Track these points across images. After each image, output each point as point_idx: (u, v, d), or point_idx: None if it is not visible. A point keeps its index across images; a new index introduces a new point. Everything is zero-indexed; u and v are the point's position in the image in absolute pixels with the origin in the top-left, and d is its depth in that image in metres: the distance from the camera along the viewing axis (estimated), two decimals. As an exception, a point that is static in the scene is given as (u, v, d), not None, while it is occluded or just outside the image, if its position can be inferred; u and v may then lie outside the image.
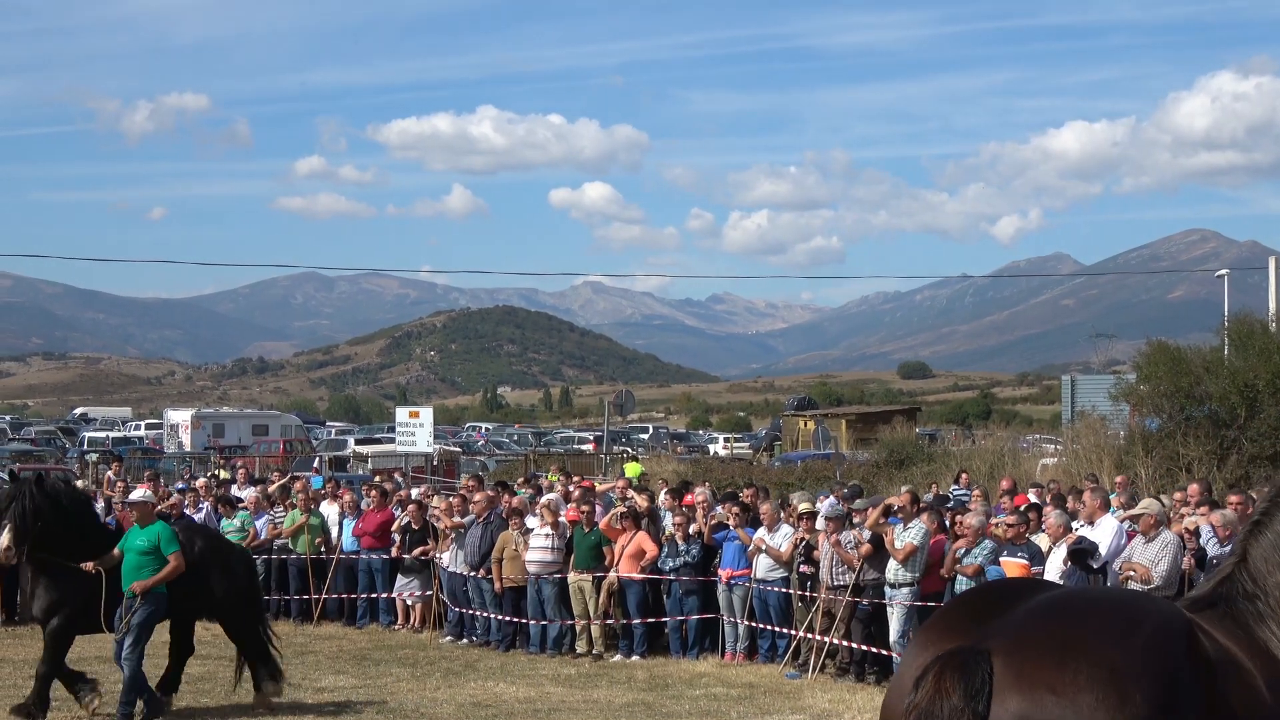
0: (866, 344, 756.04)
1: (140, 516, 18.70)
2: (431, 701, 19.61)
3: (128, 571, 17.90)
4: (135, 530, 18.48)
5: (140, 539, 18.14)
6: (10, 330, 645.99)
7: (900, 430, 59.02)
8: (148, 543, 18.05)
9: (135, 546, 18.05)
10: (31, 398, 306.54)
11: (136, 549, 18.02)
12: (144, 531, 18.32)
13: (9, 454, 66.30)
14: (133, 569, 17.88)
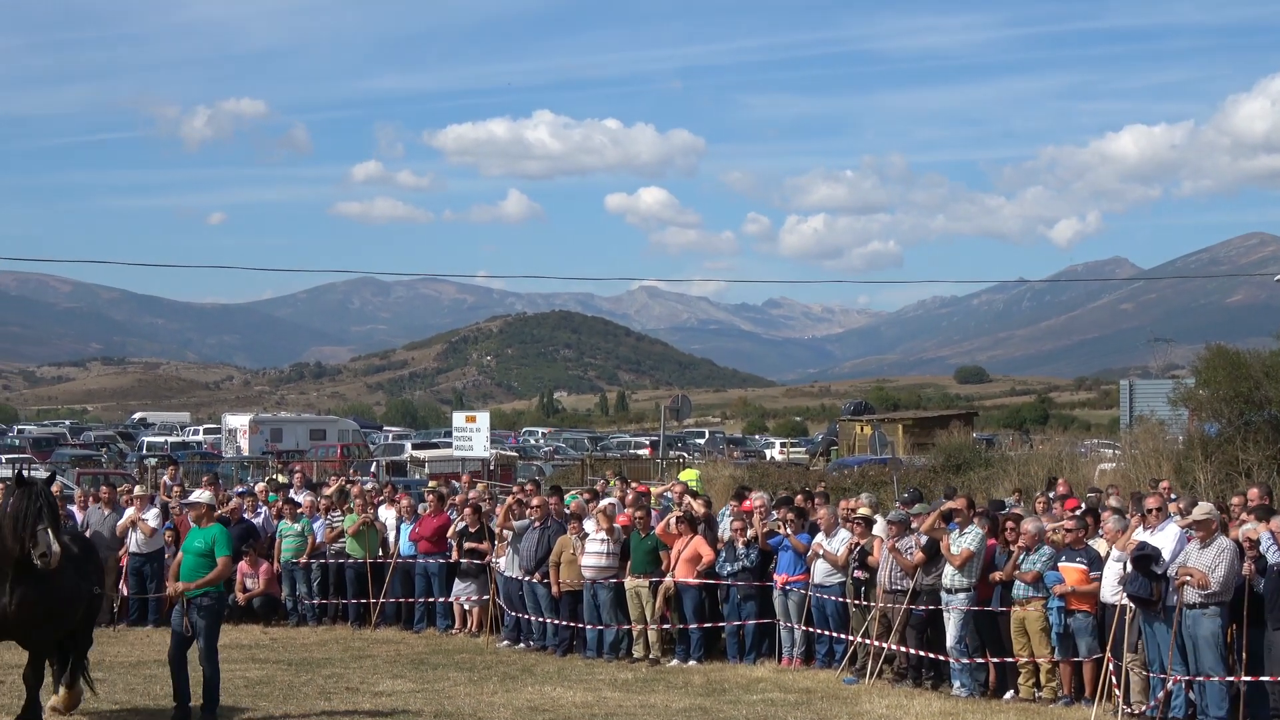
0: (923, 348, 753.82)
1: (198, 518, 18.84)
2: (489, 706, 19.63)
3: (186, 572, 18.04)
4: (195, 531, 18.64)
5: (198, 540, 18.27)
6: (70, 336, 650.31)
7: (957, 435, 58.86)
8: (205, 544, 18.19)
9: (193, 548, 18.19)
10: (91, 402, 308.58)
11: (194, 550, 18.15)
12: (202, 533, 18.46)
13: (68, 459, 66.72)
14: (190, 570, 18.01)
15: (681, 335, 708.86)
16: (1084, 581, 19.99)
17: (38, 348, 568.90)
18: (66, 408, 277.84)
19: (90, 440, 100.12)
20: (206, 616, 18.05)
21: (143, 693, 20.12)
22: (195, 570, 18.04)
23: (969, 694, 20.60)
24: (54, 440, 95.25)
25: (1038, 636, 20.25)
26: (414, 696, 20.33)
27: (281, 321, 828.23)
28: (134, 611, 28.59)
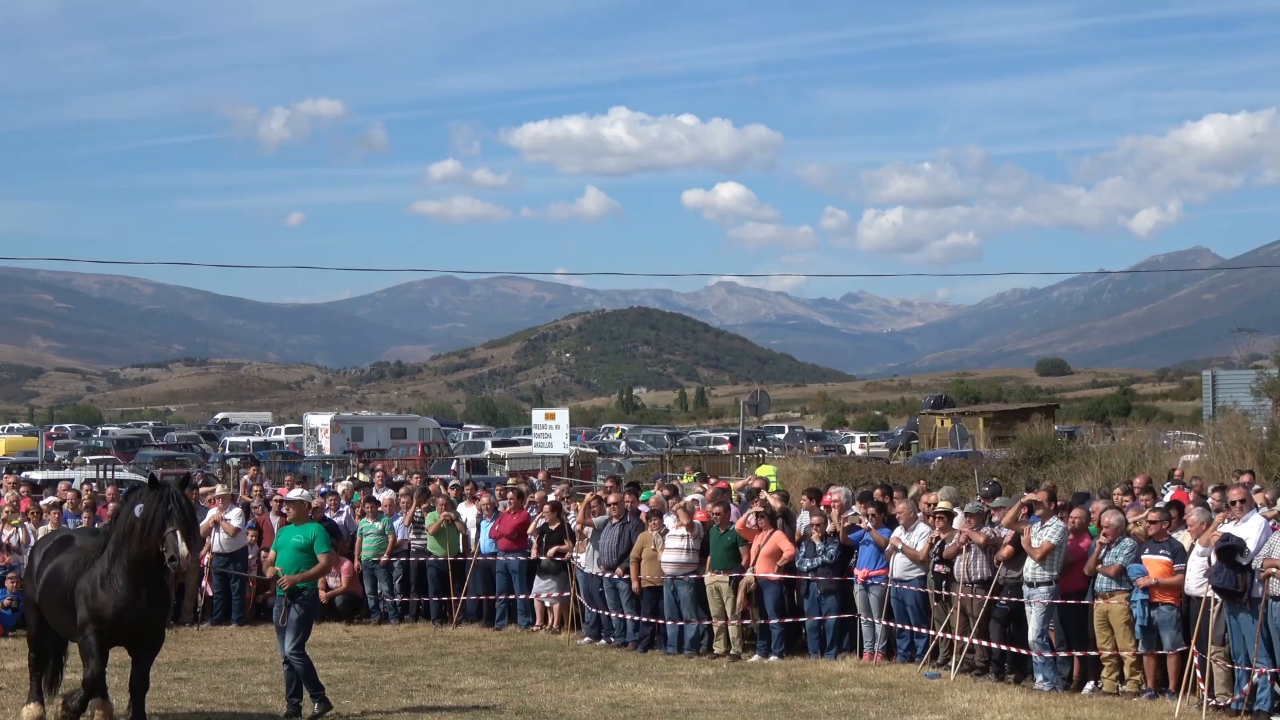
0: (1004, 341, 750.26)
1: (297, 515, 19.09)
2: (570, 702, 19.67)
3: (285, 568, 18.24)
4: (291, 528, 18.83)
5: (296, 536, 18.49)
6: (153, 337, 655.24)
7: (1039, 428, 58.43)
8: (304, 540, 18.43)
9: (291, 544, 18.42)
10: (174, 403, 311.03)
11: (292, 546, 18.39)
12: (300, 529, 18.67)
13: (152, 459, 67.21)
14: (288, 566, 18.26)
15: (760, 330, 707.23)
16: (1168, 574, 19.85)
17: (122, 349, 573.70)
18: (150, 409, 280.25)
19: (173, 441, 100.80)
20: (301, 610, 18.38)
21: (226, 691, 20.26)
22: (294, 566, 18.39)
23: (1051, 688, 20.50)
24: (138, 441, 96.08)
25: (1121, 630, 20.12)
26: (495, 693, 20.39)
27: (361, 321, 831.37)
28: (217, 611, 28.78)
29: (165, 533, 16.29)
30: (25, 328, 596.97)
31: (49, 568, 17.08)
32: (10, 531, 28.18)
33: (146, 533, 16.34)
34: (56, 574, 16.93)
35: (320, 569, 18.56)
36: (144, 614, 16.58)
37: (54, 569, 16.99)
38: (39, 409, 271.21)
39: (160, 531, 16.31)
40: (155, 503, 16.44)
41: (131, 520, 16.47)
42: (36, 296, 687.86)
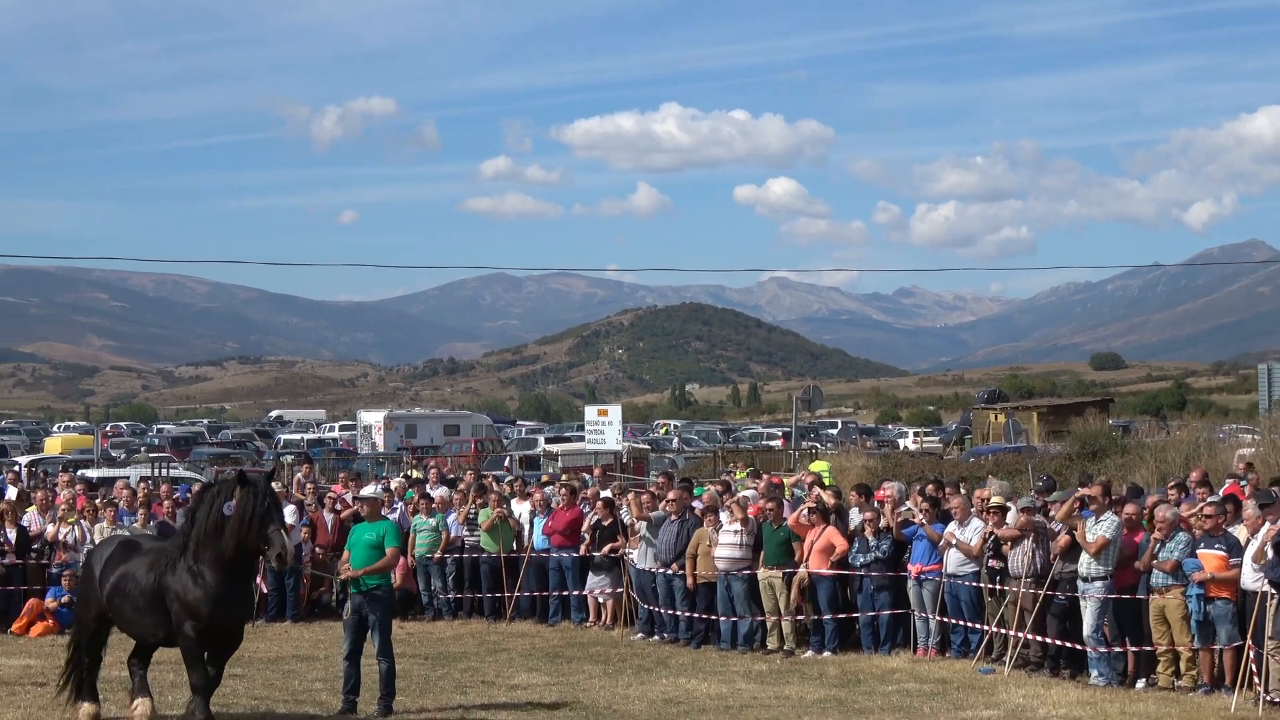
0: (1057, 335, 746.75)
1: (370, 512, 19.18)
2: (624, 699, 19.68)
3: (358, 567, 18.34)
4: (364, 526, 18.89)
5: (369, 534, 18.56)
6: (207, 335, 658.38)
7: (1093, 422, 58.28)
8: (375, 537, 18.54)
9: (364, 541, 18.56)
10: (228, 401, 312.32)
11: (365, 544, 18.54)
12: (373, 527, 18.76)
13: (206, 457, 67.51)
14: (362, 564, 18.43)
15: (813, 326, 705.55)
16: (1224, 568, 19.75)
17: (176, 348, 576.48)
18: (204, 407, 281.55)
19: (228, 439, 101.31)
20: (380, 609, 18.56)
21: (281, 688, 20.35)
22: (368, 564, 18.52)
23: (1107, 683, 20.42)
24: (192, 439, 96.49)
25: (1177, 624, 20.03)
26: (549, 689, 20.42)
27: (414, 318, 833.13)
28: (272, 608, 28.89)
29: (268, 530, 16.43)
30: (81, 327, 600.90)
31: (118, 572, 17.04)
32: (67, 529, 28.34)
33: (245, 530, 16.42)
34: (129, 578, 16.92)
35: (386, 562, 18.62)
36: (234, 612, 16.79)
37: (125, 573, 16.98)
38: (95, 407, 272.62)
39: (261, 529, 16.42)
40: (252, 500, 16.50)
41: (218, 518, 16.53)
42: (92, 296, 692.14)
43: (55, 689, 17.96)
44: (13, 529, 28.23)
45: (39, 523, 28.97)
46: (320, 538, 29.83)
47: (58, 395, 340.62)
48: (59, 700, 17.73)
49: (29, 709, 18.59)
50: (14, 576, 27.94)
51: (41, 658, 23.71)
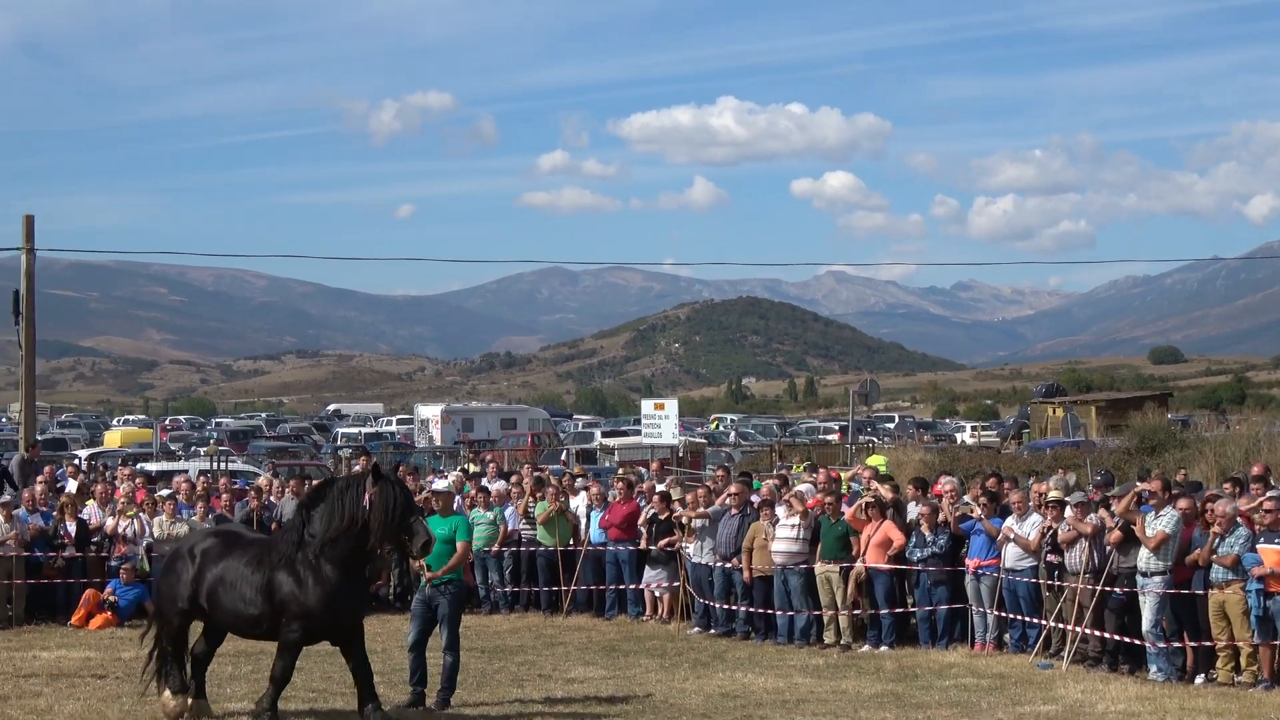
0: (1116, 329, 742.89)
1: (443, 506, 19.18)
2: (680, 692, 19.68)
3: (433, 560, 18.37)
4: (437, 519, 18.86)
5: (441, 528, 18.55)
6: (265, 329, 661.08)
7: (1152, 416, 58.02)
8: (448, 532, 18.59)
9: (438, 536, 18.45)
10: (286, 395, 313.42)
11: (439, 538, 18.44)
12: (445, 522, 18.79)
13: (264, 450, 67.80)
14: (437, 557, 18.40)
15: (870, 319, 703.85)
16: (1283, 563, 19.63)
17: (234, 342, 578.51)
18: (263, 400, 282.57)
19: (286, 432, 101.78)
20: (451, 603, 18.63)
21: (339, 681, 20.36)
22: (442, 557, 18.53)
23: (1166, 678, 20.31)
24: (251, 433, 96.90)
25: (1238, 620, 19.91)
26: (606, 683, 20.43)
27: (471, 312, 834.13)
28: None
29: (410, 521, 16.71)
30: (140, 321, 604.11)
31: (222, 564, 16.95)
32: (126, 523, 28.49)
33: (390, 522, 16.60)
34: (237, 571, 16.85)
35: (459, 559, 18.66)
36: (355, 608, 17.01)
37: (231, 566, 16.91)
38: (154, 401, 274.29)
39: (404, 520, 16.66)
40: (392, 492, 16.66)
41: (353, 512, 16.62)
42: (151, 290, 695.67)
43: (139, 680, 17.88)
44: (72, 522, 28.42)
45: (98, 516, 29.14)
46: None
47: (117, 389, 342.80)
48: (141, 691, 17.70)
49: (89, 700, 18.70)
50: (74, 569, 28.11)
51: (100, 650, 23.88)
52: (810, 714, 17.87)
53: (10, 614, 27.33)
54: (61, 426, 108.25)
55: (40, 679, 20.66)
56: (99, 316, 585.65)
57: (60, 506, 28.88)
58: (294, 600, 16.52)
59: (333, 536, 16.60)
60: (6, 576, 27.32)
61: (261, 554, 16.92)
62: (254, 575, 16.76)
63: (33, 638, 25.72)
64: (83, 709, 18.12)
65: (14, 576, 27.36)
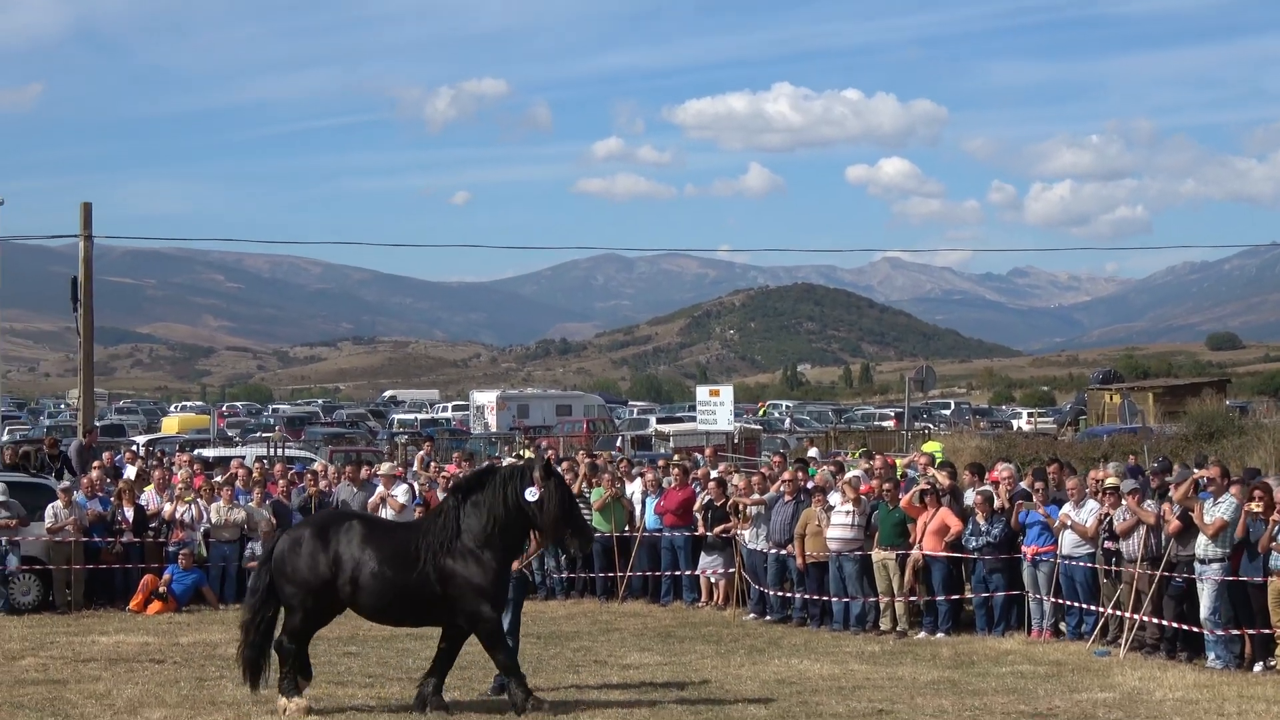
0: (1173, 315, 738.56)
1: None
2: (735, 679, 19.67)
3: None
4: None
5: None
6: (321, 316, 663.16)
7: (1210, 403, 57.70)
8: None
9: None
10: (342, 381, 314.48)
11: None
12: None
13: (321, 437, 68.04)
14: None
15: (925, 306, 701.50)
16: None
17: (291, 328, 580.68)
18: (319, 387, 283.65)
19: (342, 419, 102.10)
20: (518, 591, 18.64)
21: (395, 665, 20.48)
22: None
23: (1224, 666, 20.20)
24: (307, 419, 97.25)
25: (1297, 608, 19.77)
26: (661, 669, 20.44)
27: (527, 299, 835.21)
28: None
29: (576, 515, 17.21)
30: (197, 308, 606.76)
31: (365, 551, 16.71)
32: (184, 508, 28.63)
33: (562, 515, 16.97)
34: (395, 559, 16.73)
35: (536, 548, 18.64)
36: (515, 597, 17.71)
37: (389, 555, 16.76)
38: (211, 388, 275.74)
39: (573, 514, 17.12)
40: (566, 489, 17.09)
41: (519, 503, 16.84)
42: (208, 277, 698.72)
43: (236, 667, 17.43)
44: (131, 507, 28.58)
45: (156, 502, 29.30)
46: (433, 517, 29.98)
47: (174, 375, 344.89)
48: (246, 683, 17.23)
49: (147, 685, 18.80)
50: (131, 554, 28.27)
51: (158, 635, 24.02)
52: (866, 700, 17.84)
53: (69, 599, 27.54)
54: (119, 413, 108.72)
55: (99, 663, 20.79)
56: (156, 303, 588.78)
57: (118, 492, 29.06)
58: (469, 587, 16.68)
59: (501, 527, 16.82)
60: (65, 561, 27.54)
61: (418, 542, 16.89)
62: (416, 564, 16.72)
63: (91, 623, 25.91)
64: (141, 693, 18.22)
65: (73, 562, 27.57)
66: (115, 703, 17.58)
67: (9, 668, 20.49)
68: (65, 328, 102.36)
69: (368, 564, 16.65)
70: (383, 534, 17.18)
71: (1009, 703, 17.71)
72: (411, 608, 16.94)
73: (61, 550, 27.55)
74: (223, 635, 24.03)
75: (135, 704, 17.48)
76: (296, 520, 29.07)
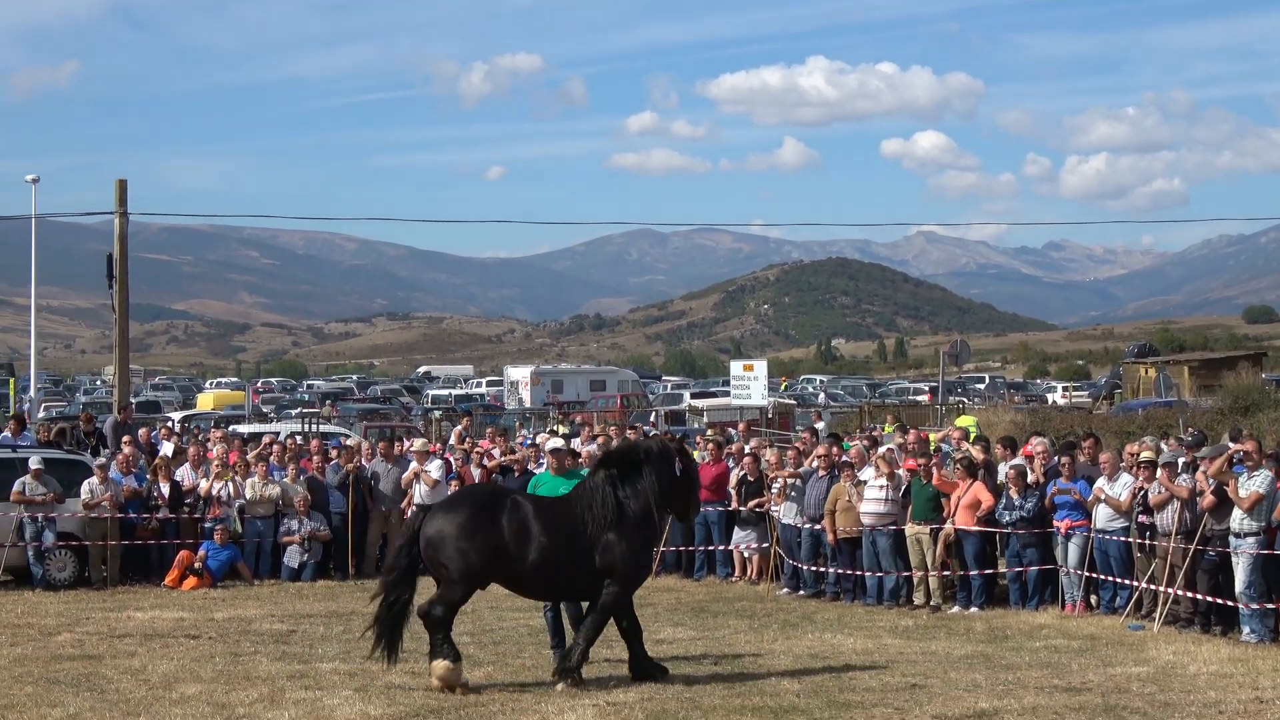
0: (1209, 288, 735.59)
1: (557, 465, 19.07)
2: (769, 653, 19.67)
3: None
4: (554, 479, 18.79)
5: (563, 488, 18.50)
6: (356, 292, 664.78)
7: (1246, 376, 57.53)
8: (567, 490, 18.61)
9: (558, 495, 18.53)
10: (377, 357, 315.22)
11: None
12: (564, 480, 18.75)
13: (356, 413, 68.20)
14: None
15: (960, 280, 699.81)
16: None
17: (326, 304, 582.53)
18: (354, 362, 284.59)
19: (377, 394, 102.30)
20: None
21: (426, 641, 20.44)
22: None
23: (1259, 640, 20.14)
24: (342, 395, 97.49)
25: (1331, 581, 19.70)
26: (695, 644, 20.45)
27: (561, 274, 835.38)
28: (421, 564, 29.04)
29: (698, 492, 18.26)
30: (233, 284, 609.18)
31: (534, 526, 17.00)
32: (220, 484, 28.72)
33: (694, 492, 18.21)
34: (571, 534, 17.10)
35: None
36: None
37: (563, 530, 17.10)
38: (246, 364, 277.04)
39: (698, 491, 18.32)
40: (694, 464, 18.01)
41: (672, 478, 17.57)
42: (243, 253, 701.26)
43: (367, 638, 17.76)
44: (166, 483, 28.69)
45: (191, 478, 29.41)
46: (467, 493, 30.04)
47: (210, 352, 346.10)
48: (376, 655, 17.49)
49: (182, 661, 18.89)
50: (167, 530, 28.39)
51: (193, 610, 24.10)
52: (900, 675, 17.82)
53: (105, 575, 27.68)
54: (155, 389, 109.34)
55: (134, 639, 20.88)
56: (191, 280, 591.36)
57: (154, 468, 29.17)
58: (632, 560, 17.22)
59: (657, 502, 17.36)
60: (101, 537, 27.68)
61: (576, 514, 17.24)
62: (578, 535, 17.10)
63: (127, 598, 26.02)
64: (176, 669, 18.30)
65: (108, 538, 27.70)
66: (150, 678, 17.66)
67: (45, 643, 20.59)
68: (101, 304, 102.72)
69: (540, 539, 16.91)
70: (549, 510, 17.37)
71: (1042, 677, 17.68)
72: (571, 582, 17.34)
73: (97, 526, 27.68)
74: (258, 610, 24.16)
75: (170, 679, 17.55)
76: (334, 497, 29.28)
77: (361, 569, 28.79)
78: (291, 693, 16.68)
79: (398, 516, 29.06)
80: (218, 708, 15.81)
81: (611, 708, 15.69)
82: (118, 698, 16.45)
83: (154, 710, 15.67)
